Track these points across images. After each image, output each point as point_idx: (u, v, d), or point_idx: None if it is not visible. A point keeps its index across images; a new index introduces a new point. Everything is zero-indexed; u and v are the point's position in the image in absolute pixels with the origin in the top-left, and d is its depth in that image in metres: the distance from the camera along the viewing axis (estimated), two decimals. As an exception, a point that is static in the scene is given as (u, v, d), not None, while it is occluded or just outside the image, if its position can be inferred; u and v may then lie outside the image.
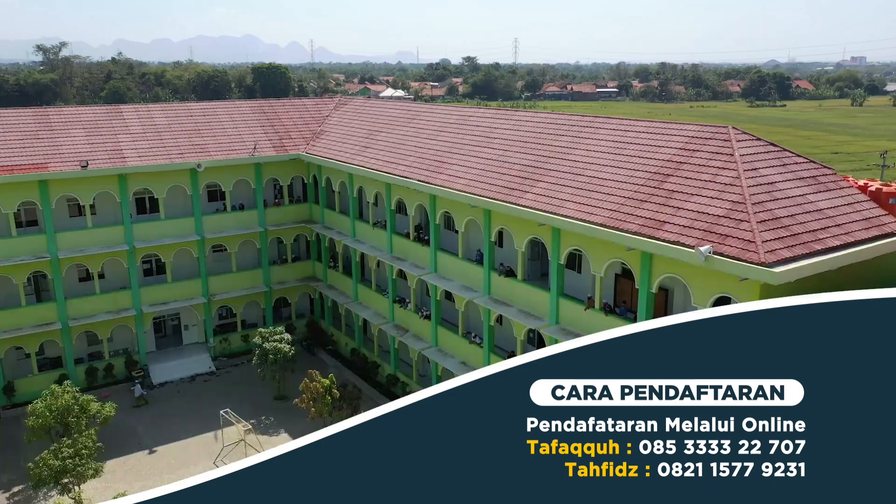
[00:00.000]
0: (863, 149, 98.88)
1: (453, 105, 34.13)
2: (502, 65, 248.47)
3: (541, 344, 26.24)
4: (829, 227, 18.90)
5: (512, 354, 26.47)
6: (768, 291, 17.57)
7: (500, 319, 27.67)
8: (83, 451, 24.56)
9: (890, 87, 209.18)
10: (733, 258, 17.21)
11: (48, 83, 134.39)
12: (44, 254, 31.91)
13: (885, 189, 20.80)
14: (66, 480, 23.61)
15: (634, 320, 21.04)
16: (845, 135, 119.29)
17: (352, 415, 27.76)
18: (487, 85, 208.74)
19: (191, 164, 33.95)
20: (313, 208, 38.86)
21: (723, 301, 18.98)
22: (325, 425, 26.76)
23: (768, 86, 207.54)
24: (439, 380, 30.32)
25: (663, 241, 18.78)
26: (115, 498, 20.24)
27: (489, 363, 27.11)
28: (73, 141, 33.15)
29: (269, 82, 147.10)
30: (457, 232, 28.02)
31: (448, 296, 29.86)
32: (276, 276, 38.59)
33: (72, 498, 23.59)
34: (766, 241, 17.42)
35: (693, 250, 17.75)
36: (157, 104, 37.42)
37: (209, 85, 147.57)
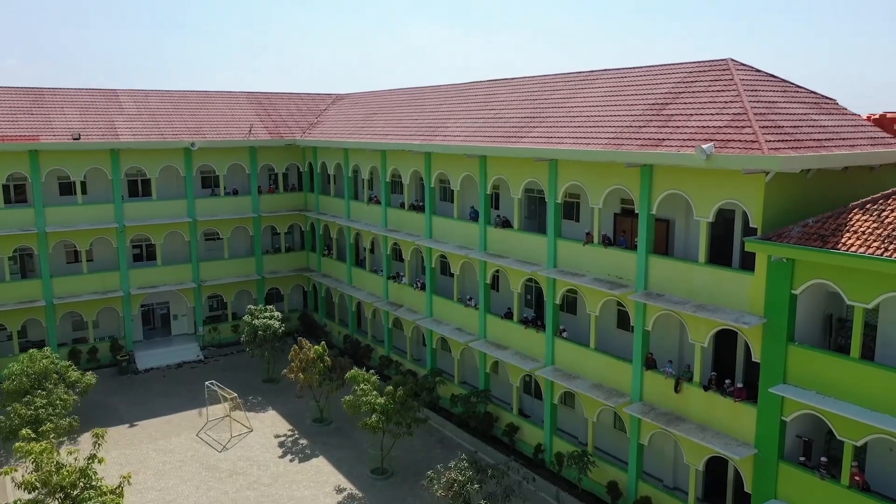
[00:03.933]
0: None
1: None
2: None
3: (539, 302, 25.27)
4: (833, 139, 18.33)
5: (509, 313, 25.50)
6: (774, 191, 16.87)
7: (495, 285, 26.80)
8: (57, 402, 23.39)
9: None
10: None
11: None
12: (30, 227, 31.17)
13: (889, 115, 20.36)
14: (44, 431, 22.24)
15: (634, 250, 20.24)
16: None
17: (342, 385, 26.93)
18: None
19: (184, 143, 33.52)
20: (308, 197, 38.30)
21: (727, 210, 18.26)
22: (315, 397, 25.57)
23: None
24: (434, 353, 29.25)
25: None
26: (92, 435, 19.07)
27: (485, 324, 26.20)
28: (67, 117, 32.84)
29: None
30: (452, 192, 27.38)
31: (443, 268, 29.05)
32: (269, 264, 37.75)
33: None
34: (770, 141, 16.81)
35: (694, 151, 17.12)
36: (153, 89, 37.15)
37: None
